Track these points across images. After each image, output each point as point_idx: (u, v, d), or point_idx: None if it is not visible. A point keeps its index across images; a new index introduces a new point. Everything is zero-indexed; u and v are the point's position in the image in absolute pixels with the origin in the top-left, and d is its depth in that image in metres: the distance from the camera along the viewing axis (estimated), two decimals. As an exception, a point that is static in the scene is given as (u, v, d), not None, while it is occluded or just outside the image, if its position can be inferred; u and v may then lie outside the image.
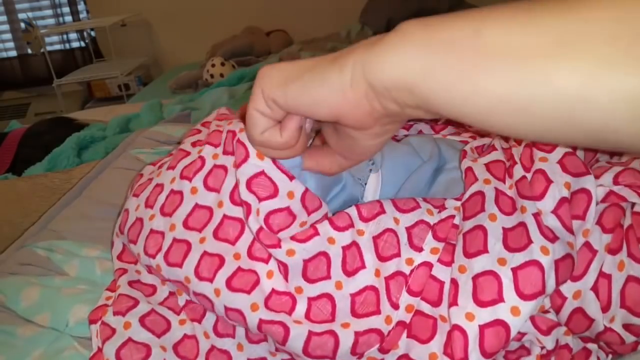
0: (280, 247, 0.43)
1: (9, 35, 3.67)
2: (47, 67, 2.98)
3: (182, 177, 0.51)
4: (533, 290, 0.38)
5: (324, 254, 0.44)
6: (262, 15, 3.02)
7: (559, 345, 0.40)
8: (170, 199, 0.51)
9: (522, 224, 0.41)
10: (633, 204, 0.42)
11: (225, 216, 0.47)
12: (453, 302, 0.40)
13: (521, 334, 0.40)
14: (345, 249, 0.45)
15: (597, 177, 0.44)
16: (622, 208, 0.42)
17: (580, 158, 0.44)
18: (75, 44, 3.68)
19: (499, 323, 0.38)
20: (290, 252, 0.43)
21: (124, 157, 0.85)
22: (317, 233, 0.44)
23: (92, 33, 3.47)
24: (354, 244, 0.45)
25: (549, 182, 0.43)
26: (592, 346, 0.42)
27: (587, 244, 0.42)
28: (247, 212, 0.45)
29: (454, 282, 0.41)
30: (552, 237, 0.40)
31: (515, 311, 0.38)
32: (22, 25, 3.02)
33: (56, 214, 0.74)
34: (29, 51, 3.41)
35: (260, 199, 0.44)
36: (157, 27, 3.27)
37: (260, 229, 0.44)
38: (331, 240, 0.45)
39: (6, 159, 1.64)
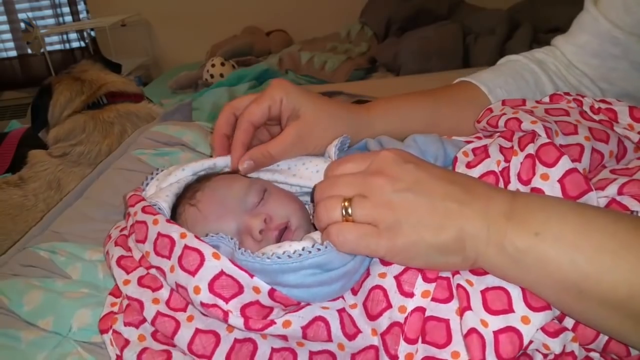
0: (275, 323, 0.44)
1: (9, 35, 3.67)
2: (47, 67, 2.98)
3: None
4: (541, 304, 0.39)
5: (321, 318, 0.45)
6: (262, 15, 3.03)
7: (565, 352, 0.40)
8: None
9: None
10: (635, 213, 0.42)
11: (197, 329, 0.46)
12: (467, 307, 0.40)
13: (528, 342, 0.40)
14: (340, 311, 0.46)
15: (602, 188, 0.44)
16: None
17: (582, 174, 0.43)
18: (75, 44, 3.68)
19: (512, 330, 0.38)
20: (287, 324, 0.44)
21: (125, 158, 0.85)
22: (308, 304, 0.45)
23: (92, 33, 3.47)
24: (346, 313, 0.46)
25: None
26: (594, 355, 0.42)
27: None
28: (223, 316, 0.44)
29: (462, 288, 0.41)
30: None
31: (525, 320, 0.39)
32: (22, 25, 3.01)
33: (58, 215, 0.74)
34: (29, 51, 3.41)
35: (226, 300, 0.44)
36: (157, 27, 3.27)
37: (246, 320, 0.44)
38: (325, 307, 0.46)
39: (6, 159, 1.64)
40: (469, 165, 0.50)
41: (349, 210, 0.42)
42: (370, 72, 2.37)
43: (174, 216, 0.57)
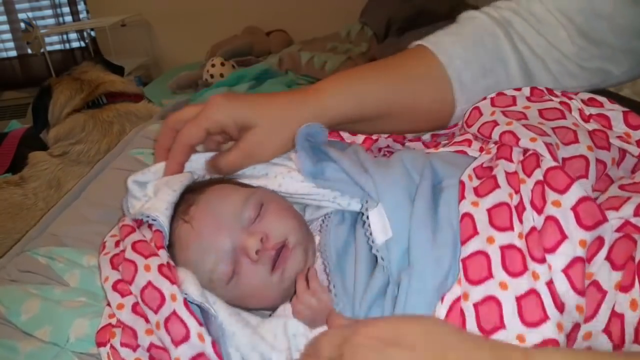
0: None
1: (9, 35, 3.67)
2: (47, 67, 2.98)
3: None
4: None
5: None
6: (262, 15, 3.02)
7: None
8: None
9: (534, 293, 0.39)
10: None
11: None
12: None
13: None
14: None
15: (616, 208, 0.42)
16: (634, 240, 0.41)
17: (596, 203, 0.42)
18: (75, 44, 3.67)
19: None
20: None
21: (122, 158, 0.85)
22: None
23: (92, 33, 3.47)
24: None
25: (564, 236, 0.41)
26: None
27: (594, 283, 0.40)
28: None
29: None
30: (561, 306, 0.39)
31: None
32: (22, 25, 3.02)
33: (56, 216, 0.74)
34: (29, 51, 3.41)
35: None
36: (157, 27, 3.27)
37: None
38: None
39: (6, 159, 1.64)
40: (477, 194, 0.47)
41: None
42: (371, 72, 2.36)
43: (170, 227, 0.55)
